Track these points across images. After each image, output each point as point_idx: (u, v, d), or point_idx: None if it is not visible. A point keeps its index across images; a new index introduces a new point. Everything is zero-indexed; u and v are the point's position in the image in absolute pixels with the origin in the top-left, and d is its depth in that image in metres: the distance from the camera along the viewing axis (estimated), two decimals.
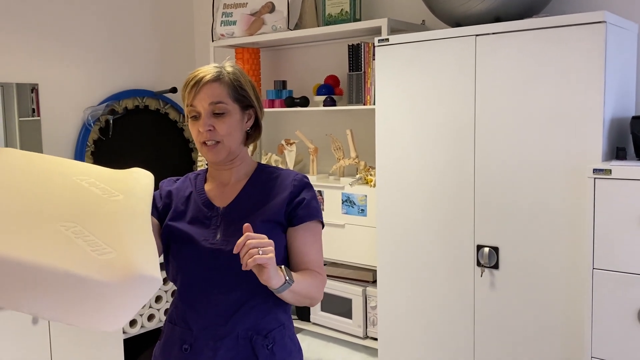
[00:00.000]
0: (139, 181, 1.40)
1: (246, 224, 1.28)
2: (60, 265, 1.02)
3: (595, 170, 1.83)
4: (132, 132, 3.48)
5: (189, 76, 1.45)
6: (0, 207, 1.13)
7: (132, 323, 3.08)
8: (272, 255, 1.24)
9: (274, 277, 1.26)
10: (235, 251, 1.24)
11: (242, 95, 1.46)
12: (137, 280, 1.05)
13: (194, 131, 1.45)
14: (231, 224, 1.45)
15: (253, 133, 1.54)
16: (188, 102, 1.44)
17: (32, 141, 3.08)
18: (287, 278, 1.30)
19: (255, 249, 1.23)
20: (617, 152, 1.98)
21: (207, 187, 1.54)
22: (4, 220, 1.09)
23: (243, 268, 1.23)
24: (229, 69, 1.47)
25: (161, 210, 1.54)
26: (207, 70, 1.44)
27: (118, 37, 3.46)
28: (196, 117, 1.44)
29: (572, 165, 1.97)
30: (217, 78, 1.43)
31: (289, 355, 1.47)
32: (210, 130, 1.42)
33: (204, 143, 1.44)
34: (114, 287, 1.03)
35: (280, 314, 1.47)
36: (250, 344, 1.42)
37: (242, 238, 1.25)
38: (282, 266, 1.32)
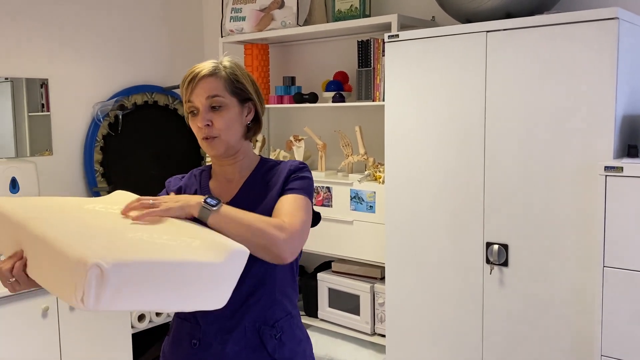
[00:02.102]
0: (133, 196, 1.43)
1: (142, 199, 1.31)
2: (177, 257, 1.08)
3: (606, 168, 1.81)
4: (141, 127, 3.49)
5: (186, 73, 1.46)
6: (68, 228, 1.14)
7: (141, 318, 3.09)
8: (169, 206, 1.28)
9: (183, 210, 1.28)
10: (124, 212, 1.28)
11: (239, 88, 1.46)
12: (234, 255, 1.16)
13: (194, 127, 1.46)
14: None
15: (253, 127, 1.54)
16: (186, 98, 1.45)
17: (41, 137, 3.09)
18: (208, 201, 1.29)
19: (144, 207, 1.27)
20: (628, 150, 1.96)
21: (211, 183, 1.55)
22: (88, 237, 1.10)
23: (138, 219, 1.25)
24: (226, 63, 1.47)
25: None
26: (204, 66, 1.45)
27: (127, 33, 3.46)
28: (194, 113, 1.44)
29: (583, 162, 1.96)
30: (213, 72, 1.43)
31: (298, 344, 1.48)
32: (208, 125, 1.42)
33: (205, 138, 1.45)
34: (221, 265, 1.13)
35: (287, 303, 1.48)
36: (258, 335, 1.43)
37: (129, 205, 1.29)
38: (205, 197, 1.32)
